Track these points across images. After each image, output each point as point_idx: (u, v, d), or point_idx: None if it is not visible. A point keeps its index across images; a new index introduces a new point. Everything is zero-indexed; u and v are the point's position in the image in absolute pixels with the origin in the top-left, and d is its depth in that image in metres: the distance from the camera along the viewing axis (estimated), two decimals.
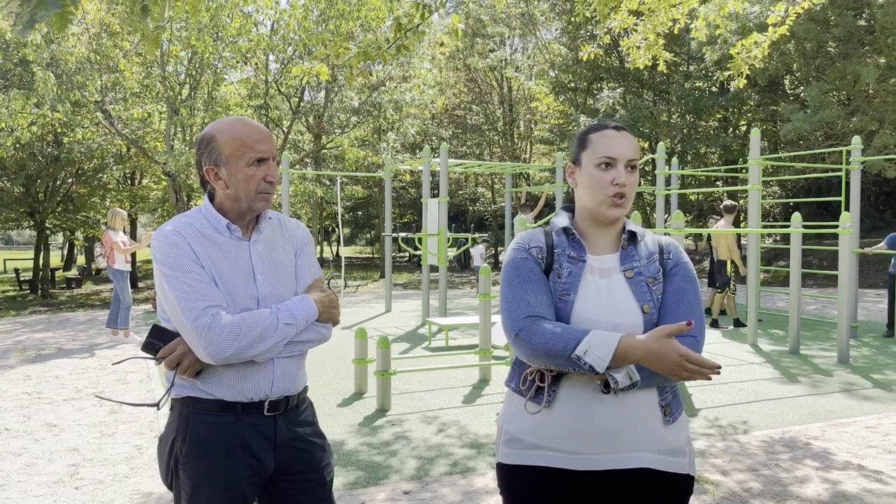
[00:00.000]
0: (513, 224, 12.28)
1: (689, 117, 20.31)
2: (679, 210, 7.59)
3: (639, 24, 6.59)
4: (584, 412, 1.66)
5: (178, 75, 15.89)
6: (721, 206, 10.18)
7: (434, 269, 12.37)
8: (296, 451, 1.91)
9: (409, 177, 27.85)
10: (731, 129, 21.83)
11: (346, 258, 32.26)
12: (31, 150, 15.79)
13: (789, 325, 8.12)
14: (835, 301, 11.44)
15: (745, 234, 10.31)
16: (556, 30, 24.60)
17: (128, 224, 19.59)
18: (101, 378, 6.97)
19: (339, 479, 3.98)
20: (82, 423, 5.31)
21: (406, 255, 32.95)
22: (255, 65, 17.72)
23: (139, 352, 7.44)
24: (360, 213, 35.51)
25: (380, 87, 19.90)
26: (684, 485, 1.74)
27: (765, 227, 15.83)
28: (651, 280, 1.74)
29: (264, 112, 17.92)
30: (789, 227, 7.95)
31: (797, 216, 7.93)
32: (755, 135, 8.80)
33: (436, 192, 12.09)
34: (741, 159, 18.82)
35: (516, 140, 27.50)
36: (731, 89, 18.80)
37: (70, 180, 18.02)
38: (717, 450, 4.56)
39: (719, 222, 10.06)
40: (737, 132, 21.78)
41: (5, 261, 31.86)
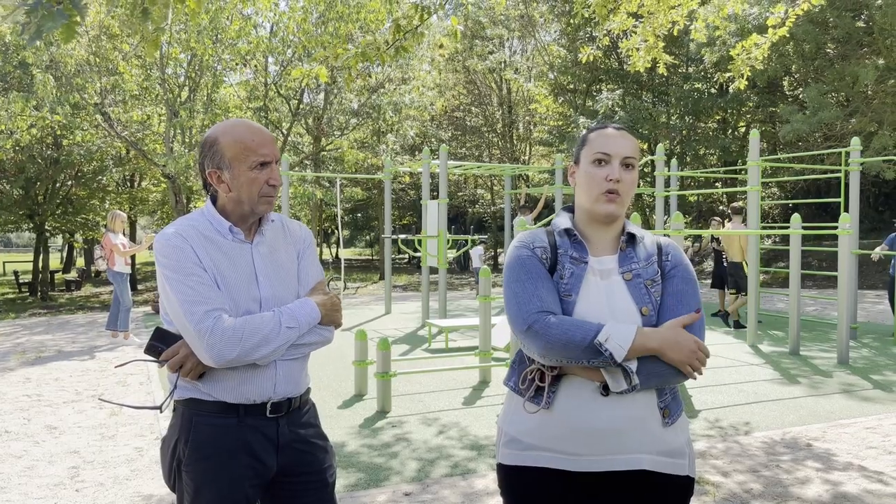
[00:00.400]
0: (512, 226, 12.28)
1: (688, 119, 20.33)
2: (678, 211, 7.60)
3: (638, 26, 6.61)
4: (583, 413, 1.66)
5: (177, 77, 15.89)
6: (730, 208, 10.10)
7: (434, 270, 12.38)
8: (298, 453, 1.91)
9: (409, 178, 27.86)
10: (730, 131, 21.86)
11: (346, 260, 32.27)
12: (30, 153, 15.79)
13: (789, 326, 8.13)
14: (834, 302, 11.44)
15: (724, 238, 10.30)
16: (555, 31, 24.63)
17: (127, 226, 19.63)
18: (101, 380, 6.97)
19: (339, 481, 3.98)
20: (82, 426, 5.31)
21: (406, 256, 32.95)
22: (255, 67, 17.73)
23: (141, 354, 7.44)
24: (359, 214, 35.49)
25: (379, 89, 19.91)
26: (684, 486, 1.74)
27: (764, 228, 15.86)
28: (649, 282, 1.74)
29: (264, 114, 17.92)
30: (789, 228, 7.96)
31: (796, 217, 7.94)
32: (754, 136, 8.81)
33: (435, 193, 12.12)
34: (740, 160, 18.84)
35: (515, 142, 27.52)
36: (730, 91, 18.79)
37: (69, 182, 18.02)
38: (717, 451, 4.57)
39: (730, 224, 9.98)
40: (736, 133, 21.81)
41: (4, 263, 31.87)
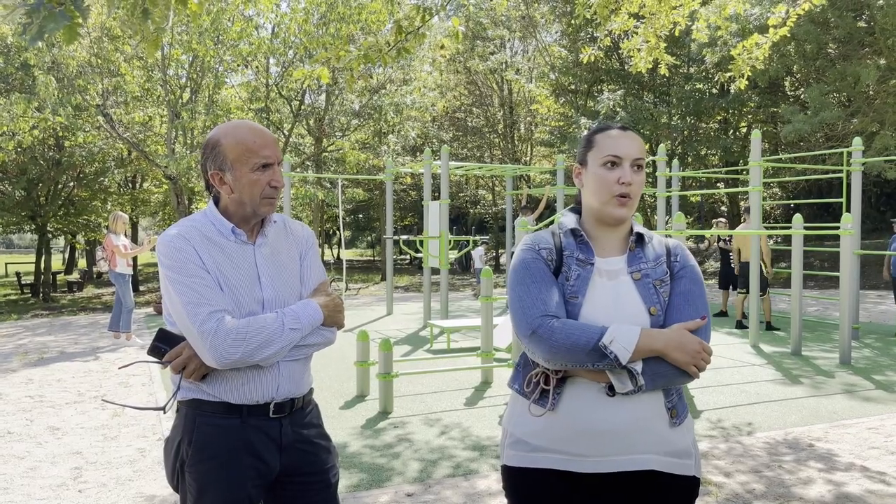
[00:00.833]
0: (514, 227, 12.29)
1: (689, 119, 20.32)
2: (680, 212, 7.60)
3: (639, 26, 6.61)
4: (589, 414, 1.66)
5: (179, 79, 15.91)
6: (744, 209, 9.92)
7: (435, 271, 12.38)
8: (301, 453, 1.92)
9: (410, 179, 27.87)
10: (731, 131, 21.85)
11: (348, 261, 32.27)
12: (32, 154, 15.82)
13: (791, 326, 8.12)
14: (836, 302, 11.44)
15: (748, 236, 10.24)
16: (557, 32, 24.63)
17: (129, 227, 19.63)
18: (103, 381, 6.98)
19: (342, 482, 3.98)
20: (85, 427, 5.31)
21: (407, 257, 32.96)
22: (256, 68, 17.75)
23: (143, 355, 7.45)
24: (361, 215, 35.49)
25: (380, 90, 19.92)
26: (690, 487, 1.74)
27: (766, 228, 15.81)
28: (658, 282, 1.75)
29: (265, 115, 17.94)
30: (790, 228, 7.95)
31: (798, 217, 7.93)
32: (756, 136, 8.80)
33: (437, 194, 12.10)
34: (742, 161, 18.83)
35: (517, 142, 27.52)
36: (731, 91, 18.81)
37: (71, 184, 18.05)
38: (719, 451, 4.57)
39: (743, 224, 9.77)
40: (737, 134, 21.79)
41: (7, 264, 31.92)
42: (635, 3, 6.36)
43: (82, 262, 30.03)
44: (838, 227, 7.47)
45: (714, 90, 20.33)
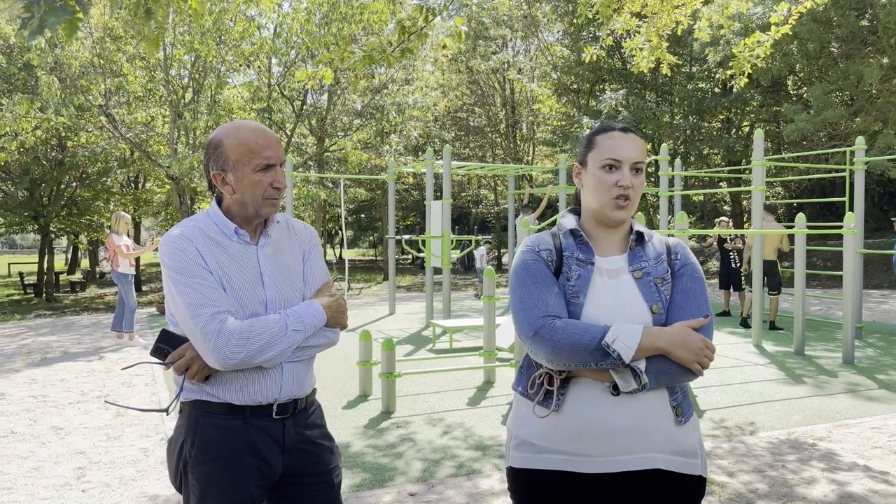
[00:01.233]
0: (515, 226, 12.28)
1: (691, 118, 20.29)
2: (683, 211, 7.58)
3: (642, 25, 6.60)
4: (594, 415, 1.66)
5: (181, 79, 15.93)
6: (765, 207, 9.61)
7: (437, 271, 12.38)
8: (304, 454, 1.92)
9: (412, 179, 27.86)
10: (734, 130, 21.81)
11: (350, 261, 32.28)
12: (35, 154, 15.85)
13: (794, 325, 8.11)
14: (839, 302, 11.41)
15: (750, 235, 10.21)
16: (559, 31, 24.59)
17: (132, 228, 19.65)
18: (106, 381, 6.99)
19: (344, 482, 3.98)
20: (88, 427, 5.32)
21: (409, 257, 32.96)
22: (258, 68, 17.76)
23: (146, 356, 7.46)
24: (363, 215, 35.51)
25: (382, 90, 19.92)
26: (696, 487, 1.74)
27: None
28: (659, 280, 1.75)
29: (267, 115, 17.95)
30: (793, 227, 7.94)
31: (801, 217, 7.92)
32: (758, 135, 8.78)
33: (439, 194, 12.11)
34: (744, 160, 18.79)
35: (519, 142, 27.51)
36: (733, 90, 18.77)
37: (74, 184, 18.08)
38: (722, 451, 4.56)
39: (763, 223, 9.53)
40: (740, 133, 21.75)
41: (10, 265, 31.95)
42: (637, 2, 6.36)
43: (85, 263, 30.09)
44: (841, 227, 7.46)
45: (716, 89, 20.30)
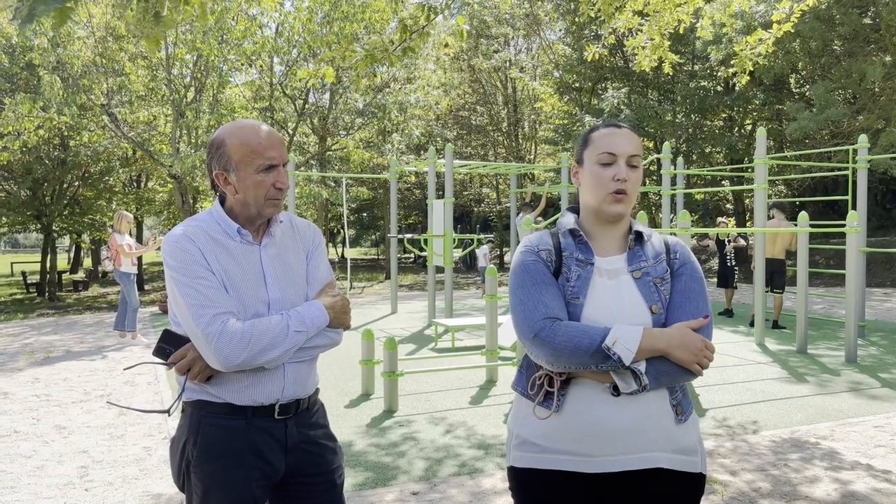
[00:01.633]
0: (517, 225, 12.26)
1: (694, 117, 20.27)
2: (685, 210, 7.58)
3: (644, 24, 6.59)
4: (594, 415, 1.66)
5: (183, 78, 15.93)
6: (774, 205, 9.52)
7: (440, 269, 12.38)
8: (307, 454, 1.92)
9: (414, 178, 27.85)
10: (736, 129, 21.79)
11: (352, 259, 32.28)
12: (37, 154, 15.86)
13: (797, 324, 8.10)
14: (842, 300, 11.40)
15: (752, 234, 10.19)
16: (561, 30, 24.58)
17: (134, 227, 19.67)
18: (109, 380, 7.00)
19: (347, 481, 3.99)
20: (91, 426, 5.33)
21: (411, 256, 32.96)
22: (260, 67, 17.76)
23: (149, 356, 7.47)
24: (365, 214, 35.50)
25: (384, 89, 19.91)
26: (696, 484, 1.74)
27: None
28: (658, 280, 1.75)
29: (269, 114, 17.95)
30: (796, 226, 7.92)
31: (804, 215, 7.91)
32: (761, 134, 8.76)
33: (441, 193, 12.11)
34: (747, 158, 18.76)
35: (521, 141, 27.49)
36: (736, 88, 18.75)
37: (76, 183, 18.10)
38: (725, 450, 4.56)
39: (772, 221, 9.39)
40: (742, 131, 21.73)
41: (12, 264, 31.99)
42: (639, 0, 6.35)
43: (87, 262, 30.13)
44: (844, 225, 7.44)
45: (719, 88, 20.27)
